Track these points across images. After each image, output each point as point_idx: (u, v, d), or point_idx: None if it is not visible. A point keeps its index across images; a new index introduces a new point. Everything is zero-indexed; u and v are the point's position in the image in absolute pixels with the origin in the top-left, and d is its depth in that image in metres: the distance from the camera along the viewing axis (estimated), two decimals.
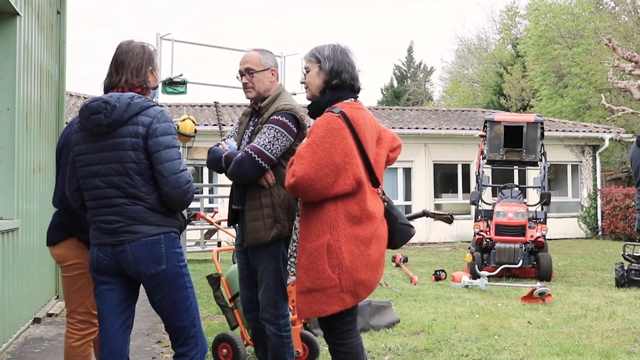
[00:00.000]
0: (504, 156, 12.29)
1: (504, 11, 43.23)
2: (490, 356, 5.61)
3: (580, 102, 30.37)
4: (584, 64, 29.23)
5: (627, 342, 6.12)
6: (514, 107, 33.52)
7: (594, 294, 9.30)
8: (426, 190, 20.49)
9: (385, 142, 3.87)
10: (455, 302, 8.53)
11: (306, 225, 3.67)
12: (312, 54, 3.83)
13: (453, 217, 5.56)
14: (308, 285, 3.59)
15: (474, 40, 46.87)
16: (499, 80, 36.94)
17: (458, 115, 24.27)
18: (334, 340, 3.72)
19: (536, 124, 12.18)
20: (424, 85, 49.30)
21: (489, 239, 11.27)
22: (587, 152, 22.41)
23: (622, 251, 10.55)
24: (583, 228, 22.01)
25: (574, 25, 31.45)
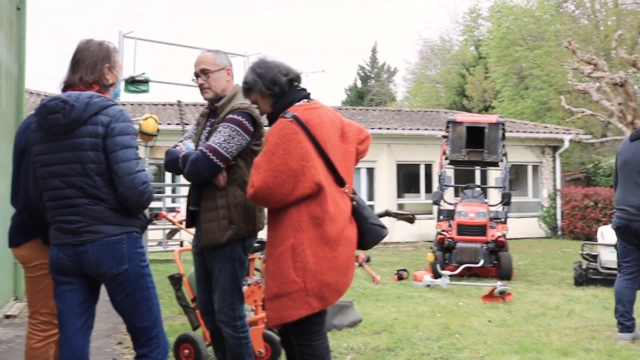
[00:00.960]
0: (466, 156, 12.40)
1: (467, 13, 43.63)
2: (451, 355, 5.66)
3: (540, 103, 30.77)
4: (545, 66, 29.62)
5: (585, 339, 6.23)
6: (476, 108, 33.85)
7: (553, 293, 9.44)
8: (389, 190, 20.59)
9: (352, 136, 3.85)
10: (417, 302, 8.59)
11: (273, 231, 3.67)
12: (245, 90, 3.87)
13: (415, 217, 5.60)
14: (274, 290, 3.59)
15: (437, 42, 47.24)
16: (461, 82, 37.26)
17: (421, 115, 24.43)
18: (300, 342, 3.72)
19: (498, 124, 12.32)
20: (387, 86, 49.49)
21: (451, 239, 11.36)
22: (547, 152, 22.72)
23: (581, 250, 10.72)
24: (543, 228, 22.31)
25: (535, 28, 31.87)
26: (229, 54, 4.49)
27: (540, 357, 5.54)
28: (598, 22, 31.27)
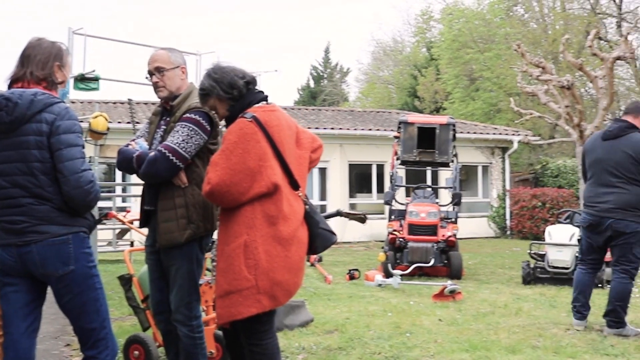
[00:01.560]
0: (417, 157, 12.50)
1: (419, 15, 43.98)
2: (401, 353, 5.70)
3: (491, 105, 31.19)
4: (495, 68, 30.03)
5: (532, 337, 6.33)
6: (427, 109, 34.17)
7: (502, 292, 9.58)
8: (341, 190, 20.65)
9: (306, 143, 3.90)
10: (369, 301, 8.63)
11: (225, 228, 3.66)
12: (202, 96, 3.87)
13: (367, 216, 5.63)
14: (225, 287, 3.57)
15: (390, 43, 47.55)
16: (413, 83, 37.57)
17: (373, 116, 24.57)
18: (250, 341, 3.72)
19: (448, 125, 12.45)
20: (340, 86, 49.66)
21: (402, 239, 11.44)
22: (496, 153, 23.07)
23: (529, 250, 10.90)
24: (492, 227, 22.63)
25: (486, 31, 32.29)
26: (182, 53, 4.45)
27: (488, 354, 5.61)
28: (546, 26, 31.85)
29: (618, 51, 13.60)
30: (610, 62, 13.40)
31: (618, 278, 6.53)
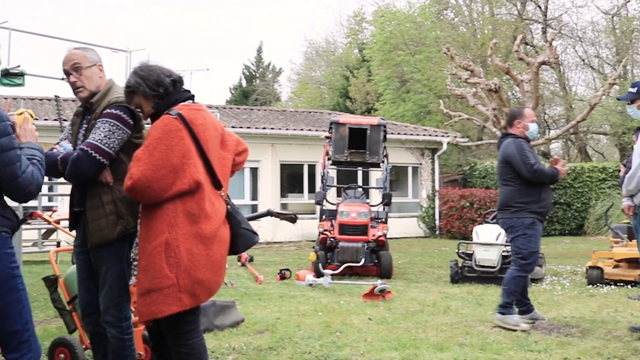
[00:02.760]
0: (349, 157, 12.58)
1: (351, 16, 44.30)
2: (331, 352, 5.73)
3: (421, 107, 31.62)
4: (425, 70, 30.46)
5: (460, 334, 6.45)
6: (359, 110, 34.41)
7: (431, 290, 9.72)
8: (272, 189, 20.63)
9: (231, 145, 3.90)
10: (300, 301, 8.64)
11: (146, 226, 3.62)
12: (128, 93, 3.84)
13: (297, 216, 5.64)
14: (146, 285, 3.55)
15: (322, 44, 47.78)
16: (345, 83, 37.78)
17: (305, 116, 24.62)
18: (176, 341, 3.69)
19: (379, 126, 12.56)
20: (272, 86, 49.59)
21: (333, 238, 11.50)
22: (426, 154, 23.42)
23: (457, 249, 11.10)
24: (422, 227, 22.97)
25: (417, 34, 32.71)
26: (111, 49, 4.38)
27: (417, 352, 5.69)
28: (475, 30, 32.48)
29: (543, 56, 13.97)
30: (535, 67, 13.74)
31: (510, 269, 7.02)
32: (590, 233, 22.31)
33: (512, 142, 6.95)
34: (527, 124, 7.05)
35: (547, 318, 7.26)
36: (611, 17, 32.08)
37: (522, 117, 7.10)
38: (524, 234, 6.85)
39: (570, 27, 32.50)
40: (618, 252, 10.35)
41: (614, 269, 10.34)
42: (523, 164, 6.79)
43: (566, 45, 33.26)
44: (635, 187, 6.42)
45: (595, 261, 10.43)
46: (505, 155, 6.97)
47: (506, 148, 6.96)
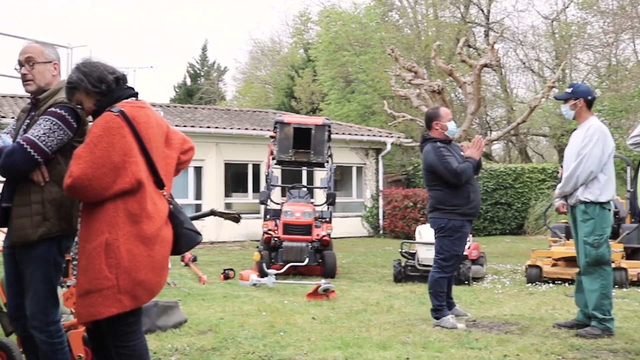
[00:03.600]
0: (293, 157, 12.57)
1: (297, 16, 44.28)
2: (275, 352, 5.72)
3: (365, 107, 31.77)
4: (370, 71, 30.61)
5: (402, 333, 6.50)
6: (304, 110, 34.42)
7: (374, 289, 9.79)
8: (217, 189, 20.49)
9: (176, 144, 3.86)
10: (243, 301, 8.61)
11: (86, 226, 3.55)
12: (69, 89, 3.77)
13: (241, 216, 5.61)
14: (85, 286, 3.48)
15: (268, 43, 47.64)
16: (290, 83, 37.74)
17: (250, 115, 24.53)
18: (117, 343, 3.63)
19: (324, 126, 12.59)
20: (217, 85, 49.26)
21: (277, 238, 11.49)
22: (370, 155, 23.57)
23: (400, 249, 11.19)
24: (366, 227, 23.11)
25: (362, 35, 32.87)
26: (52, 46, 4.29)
27: (360, 351, 5.72)
28: (420, 32, 32.82)
29: (485, 59, 14.21)
30: (477, 69, 13.97)
31: (432, 271, 7.14)
32: (530, 232, 22.78)
33: (431, 149, 6.98)
34: (444, 124, 7.08)
35: (469, 314, 7.42)
36: (551, 22, 32.83)
37: (439, 117, 7.12)
38: (450, 236, 6.96)
39: (512, 30, 33.13)
40: (556, 251, 10.58)
41: (552, 267, 10.58)
42: (446, 171, 6.84)
43: (508, 49, 33.93)
44: (572, 189, 6.61)
45: (535, 260, 10.65)
46: (427, 165, 7.04)
47: (427, 156, 7.02)
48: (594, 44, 26.55)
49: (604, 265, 6.50)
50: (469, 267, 10.40)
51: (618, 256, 9.75)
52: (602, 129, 6.59)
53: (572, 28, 30.82)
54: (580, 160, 6.50)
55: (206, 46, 50.04)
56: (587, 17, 29.38)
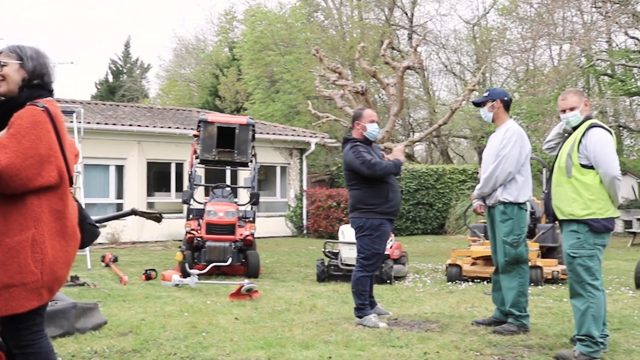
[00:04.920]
0: (217, 156, 12.46)
1: (222, 14, 44.00)
2: (197, 353, 5.67)
3: (290, 107, 31.83)
4: (295, 71, 30.67)
5: (325, 332, 6.54)
6: (228, 109, 34.24)
7: (297, 289, 9.81)
8: (139, 188, 20.17)
9: (72, 147, 3.91)
10: (165, 301, 8.50)
11: (5, 220, 3.51)
12: (13, 49, 3.73)
13: (162, 215, 5.55)
14: (5, 281, 3.47)
15: (192, 41, 47.19)
16: (214, 82, 37.47)
17: (173, 114, 24.24)
18: (23, 343, 3.62)
19: (248, 126, 12.53)
20: (140, 82, 48.50)
21: (200, 238, 11.39)
22: (295, 155, 23.63)
23: (323, 248, 11.25)
24: (290, 227, 23.15)
25: (287, 34, 32.92)
26: None
27: (283, 351, 5.72)
28: (344, 33, 33.08)
29: (408, 61, 14.40)
30: (401, 71, 14.15)
31: (354, 270, 7.22)
32: (451, 232, 23.28)
33: (349, 148, 7.10)
34: (365, 125, 7.17)
35: (391, 313, 7.54)
36: (472, 27, 33.62)
37: (361, 118, 7.21)
38: (370, 235, 7.03)
39: (435, 34, 33.79)
40: (475, 250, 10.84)
41: (472, 266, 10.83)
42: (361, 164, 6.93)
43: (430, 52, 34.56)
44: (491, 189, 6.79)
45: (455, 259, 10.87)
46: (346, 164, 7.14)
47: (346, 156, 7.12)
48: (513, 49, 27.31)
49: (522, 264, 6.70)
50: (391, 266, 10.55)
51: (534, 255, 10.05)
52: (519, 131, 6.79)
53: (492, 33, 31.65)
54: (499, 161, 6.69)
55: (129, 43, 49.32)
56: (506, 23, 30.22)
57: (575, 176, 5.63)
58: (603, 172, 5.52)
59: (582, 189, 5.58)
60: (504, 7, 30.20)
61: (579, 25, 24.02)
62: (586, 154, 5.58)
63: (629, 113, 29.11)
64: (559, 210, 5.78)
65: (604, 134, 5.61)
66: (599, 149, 5.53)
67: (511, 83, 31.71)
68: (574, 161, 5.64)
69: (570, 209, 5.63)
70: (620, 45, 26.18)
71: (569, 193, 5.66)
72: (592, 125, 5.67)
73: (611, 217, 5.60)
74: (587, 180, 5.58)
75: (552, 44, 26.37)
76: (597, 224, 5.54)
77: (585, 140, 5.61)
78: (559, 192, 5.79)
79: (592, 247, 5.56)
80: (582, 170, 5.60)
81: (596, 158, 5.54)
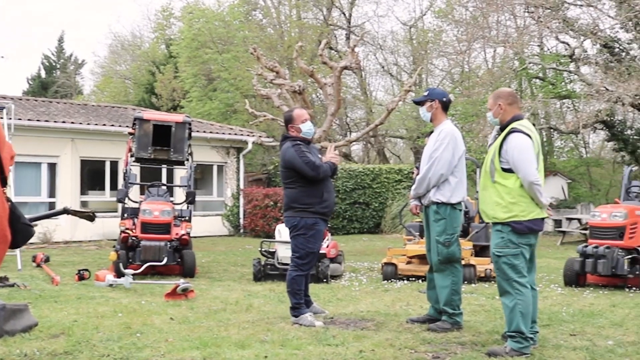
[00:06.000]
0: (152, 155, 12.32)
1: (159, 11, 43.46)
2: (131, 354, 5.60)
3: (227, 105, 31.66)
4: (233, 70, 30.53)
5: (261, 331, 6.54)
6: (165, 107, 33.83)
7: (234, 289, 9.78)
8: (72, 186, 19.75)
9: (7, 148, 3.83)
10: (99, 302, 8.36)
11: None
12: None
13: (96, 214, 5.46)
14: None
15: (128, 37, 46.48)
16: (151, 79, 36.98)
17: (108, 111, 23.84)
18: None
19: (184, 124, 12.43)
20: (74, 78, 47.52)
21: (135, 237, 11.24)
22: (232, 153, 23.52)
23: (260, 247, 11.23)
24: (227, 226, 23.04)
25: (225, 33, 32.72)
26: None
27: (219, 351, 5.70)
28: (283, 32, 33.09)
29: (346, 61, 14.47)
30: (338, 71, 14.21)
31: (289, 270, 7.25)
32: (387, 231, 23.53)
33: (290, 146, 7.11)
34: (299, 126, 7.22)
35: (327, 312, 7.59)
36: (409, 28, 34.04)
37: (293, 121, 7.26)
38: (304, 234, 7.07)
39: (372, 35, 34.11)
40: (410, 249, 10.97)
41: (407, 264, 10.96)
42: (305, 165, 6.96)
43: (368, 52, 34.90)
44: (425, 190, 6.91)
45: (390, 258, 11.00)
46: (285, 161, 7.15)
47: (285, 153, 7.13)
48: (449, 51, 27.77)
49: (454, 262, 6.84)
50: (328, 265, 10.60)
51: (467, 253, 10.24)
52: (453, 133, 6.91)
53: (429, 35, 32.13)
54: (431, 163, 6.82)
55: (63, 37, 48.29)
56: (442, 26, 30.74)
57: (498, 181, 5.78)
58: (522, 177, 5.68)
59: (504, 193, 5.74)
60: (440, 9, 30.72)
61: (513, 29, 24.62)
62: (507, 159, 5.73)
63: (559, 115, 29.97)
64: (484, 214, 5.95)
65: (522, 140, 5.74)
66: (517, 155, 5.68)
67: (447, 84, 32.24)
68: (496, 166, 5.79)
69: (494, 212, 5.80)
70: (551, 50, 26.93)
71: (492, 197, 5.81)
72: (512, 130, 5.81)
73: (535, 218, 5.75)
74: (508, 184, 5.73)
75: (487, 47, 26.95)
76: (519, 226, 5.69)
77: (506, 145, 5.76)
78: (484, 195, 5.95)
79: (516, 246, 5.71)
80: (504, 175, 5.75)
81: (515, 164, 5.69)
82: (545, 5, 21.58)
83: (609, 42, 22.46)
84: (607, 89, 19.95)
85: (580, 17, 23.45)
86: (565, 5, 22.59)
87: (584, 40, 22.81)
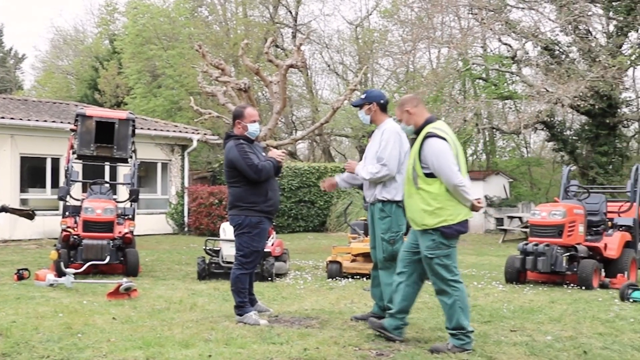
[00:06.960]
0: (95, 152, 12.14)
1: (103, 6, 42.74)
2: (72, 355, 5.51)
3: (172, 103, 31.35)
4: (178, 66, 30.26)
5: (205, 330, 6.50)
6: (108, 103, 33.28)
7: (178, 287, 9.70)
8: (11, 184, 19.31)
9: None
10: (39, 302, 8.20)
11: None
12: None
13: (35, 212, 5.36)
14: None
15: (71, 32, 45.62)
16: (94, 75, 36.37)
17: (49, 107, 23.37)
18: None
19: (128, 121, 12.28)
20: (13, 73, 46.43)
21: (77, 236, 11.06)
22: (176, 151, 23.32)
23: (204, 246, 11.17)
24: (171, 224, 22.83)
25: (170, 29, 32.40)
26: None
27: (162, 350, 5.65)
28: (229, 29, 32.90)
29: (292, 60, 14.47)
30: (284, 69, 14.21)
31: (233, 268, 7.22)
32: (332, 229, 23.63)
33: (234, 145, 7.08)
34: (246, 125, 7.20)
35: (272, 310, 7.60)
36: (355, 28, 34.21)
37: (242, 117, 7.23)
38: (249, 232, 7.06)
39: (319, 33, 34.19)
40: (355, 247, 11.05)
41: (352, 263, 11.03)
42: (247, 167, 6.95)
43: (314, 51, 34.92)
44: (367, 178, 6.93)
45: (335, 256, 11.06)
46: (229, 160, 7.12)
47: (229, 152, 7.10)
48: (394, 51, 27.98)
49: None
50: (272, 263, 10.60)
51: None
52: (397, 130, 6.95)
53: (375, 35, 32.32)
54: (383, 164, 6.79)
55: (2, 31, 47.05)
56: (388, 25, 30.97)
57: (422, 187, 5.81)
58: (445, 182, 5.72)
59: (430, 199, 5.77)
60: (386, 9, 30.95)
61: (457, 30, 24.96)
62: (427, 164, 5.78)
63: (501, 116, 30.50)
64: (412, 222, 5.99)
65: (438, 144, 5.77)
66: (436, 160, 5.72)
67: (392, 84, 32.50)
68: (418, 172, 5.82)
69: (422, 220, 5.83)
70: (494, 51, 27.42)
71: (419, 204, 5.84)
72: (427, 135, 5.84)
73: (463, 220, 5.83)
74: (433, 190, 5.77)
75: (431, 47, 27.25)
76: (449, 230, 5.78)
77: (424, 151, 5.80)
78: (410, 203, 5.98)
79: (447, 246, 5.80)
80: (428, 180, 5.79)
81: (435, 169, 5.73)
82: (488, 8, 21.97)
83: (549, 44, 22.98)
84: (547, 91, 20.43)
85: (522, 20, 23.95)
86: (508, 7, 23.03)
87: (525, 42, 23.30)
